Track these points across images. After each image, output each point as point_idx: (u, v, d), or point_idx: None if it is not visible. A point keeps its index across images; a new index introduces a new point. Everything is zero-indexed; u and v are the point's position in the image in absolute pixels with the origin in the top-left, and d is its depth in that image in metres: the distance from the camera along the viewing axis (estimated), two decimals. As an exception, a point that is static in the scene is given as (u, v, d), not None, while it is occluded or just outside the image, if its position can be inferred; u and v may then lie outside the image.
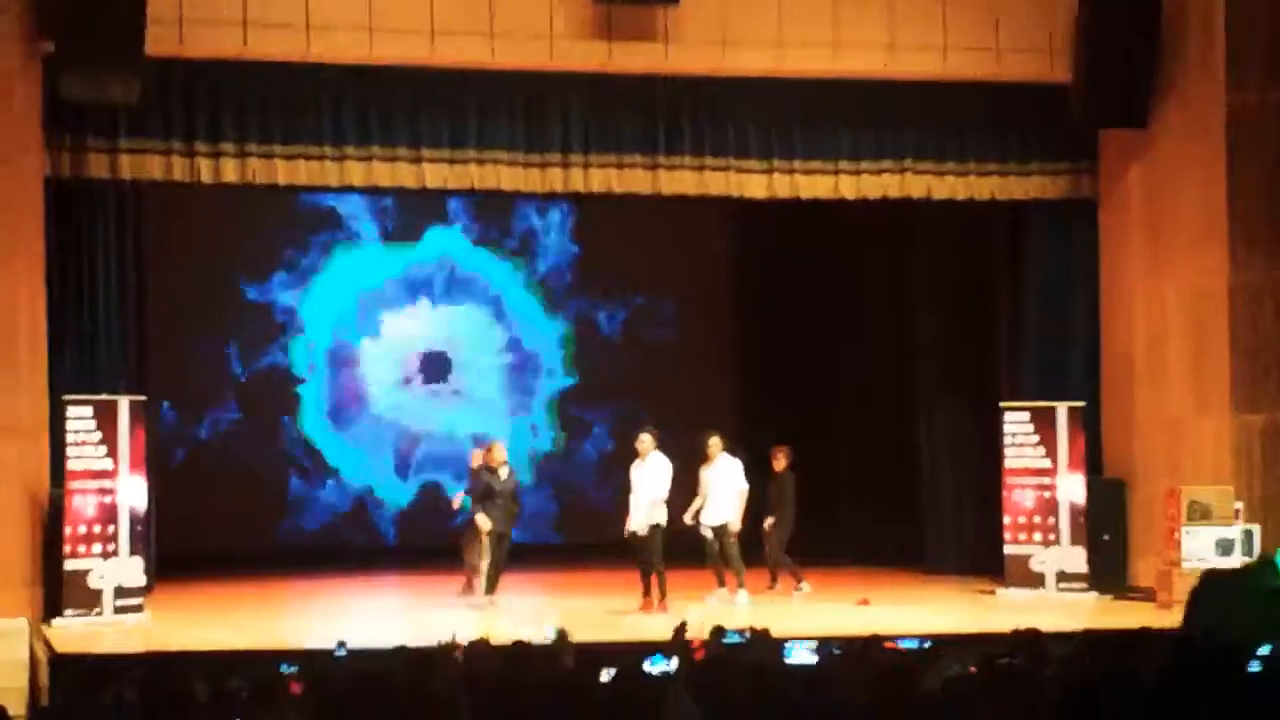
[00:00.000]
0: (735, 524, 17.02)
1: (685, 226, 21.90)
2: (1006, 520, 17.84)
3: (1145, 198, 18.10)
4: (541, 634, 11.82)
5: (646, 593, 16.38)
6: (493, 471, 16.94)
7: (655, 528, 16.40)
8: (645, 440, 16.69)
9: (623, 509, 16.69)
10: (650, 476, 16.53)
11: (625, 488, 16.82)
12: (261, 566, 19.75)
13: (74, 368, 16.42)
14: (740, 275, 23.43)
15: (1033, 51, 17.78)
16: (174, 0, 15.89)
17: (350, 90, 16.87)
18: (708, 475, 17.09)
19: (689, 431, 17.72)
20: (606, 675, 8.57)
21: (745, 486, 17.17)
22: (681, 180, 17.72)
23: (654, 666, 9.70)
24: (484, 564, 16.72)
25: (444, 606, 16.48)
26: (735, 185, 17.85)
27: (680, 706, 7.86)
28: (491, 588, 16.76)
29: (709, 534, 17.04)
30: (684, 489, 17.08)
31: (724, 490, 17.04)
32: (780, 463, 17.91)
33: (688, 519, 16.97)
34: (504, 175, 17.34)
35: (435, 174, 17.17)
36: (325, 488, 22.21)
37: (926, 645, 11.20)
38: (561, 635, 11.64)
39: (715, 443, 17.19)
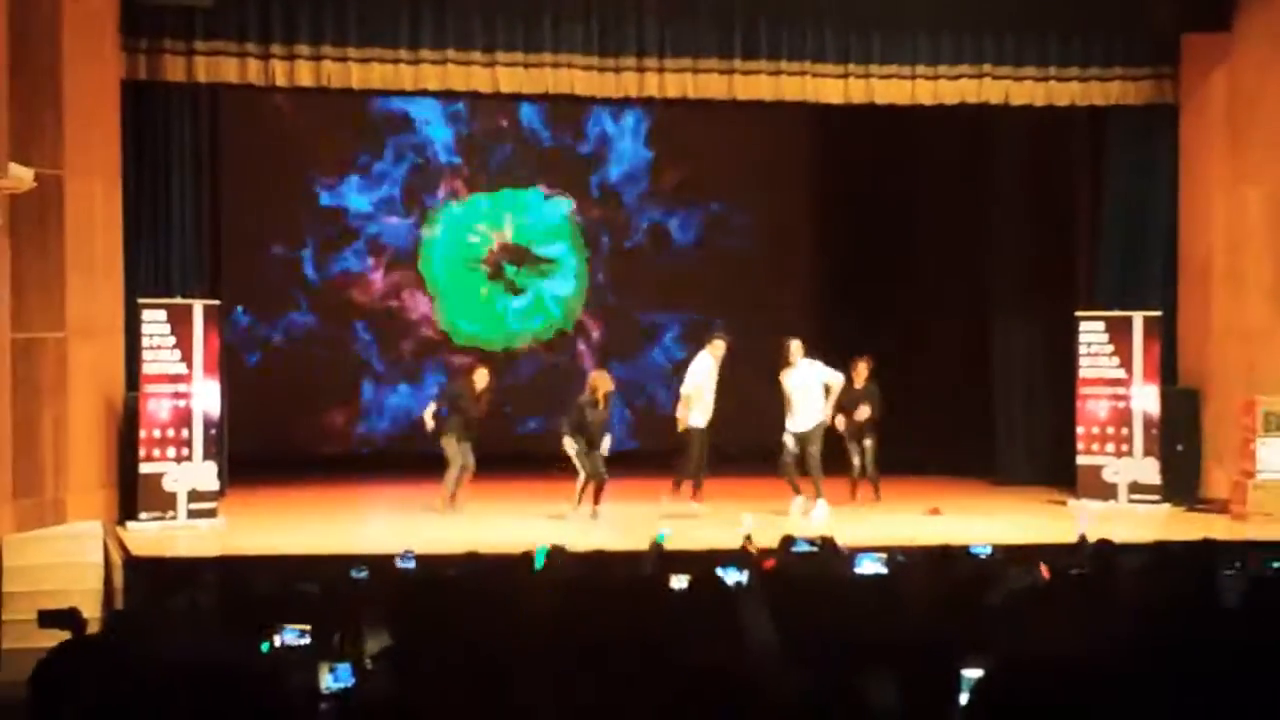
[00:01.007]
0: (820, 428, 16.95)
1: (760, 132, 21.75)
2: (1080, 430, 17.76)
3: (1227, 102, 17.87)
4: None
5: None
6: (595, 405, 16.79)
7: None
8: (796, 347, 16.81)
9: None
10: (814, 378, 16.70)
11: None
12: (335, 471, 19.87)
13: (149, 271, 16.51)
14: (815, 182, 23.26)
15: (1116, -46, 17.55)
16: (251, -96, 15.89)
17: (426, -8, 16.85)
18: (789, 381, 16.97)
19: (764, 339, 17.66)
20: (680, 582, 8.58)
21: (839, 377, 17.07)
22: (757, 85, 17.63)
23: (728, 576, 9.73)
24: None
25: (521, 513, 16.52)
26: (811, 90, 17.74)
27: (755, 616, 7.86)
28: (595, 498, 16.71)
29: (790, 441, 16.92)
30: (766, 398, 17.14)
31: (808, 396, 16.93)
32: (862, 374, 17.78)
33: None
34: (578, 80, 17.29)
35: (509, 78, 17.14)
36: (398, 393, 22.25)
37: (996, 555, 11.14)
38: (656, 546, 11.72)
39: (796, 346, 16.99)
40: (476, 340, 22.22)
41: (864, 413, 17.49)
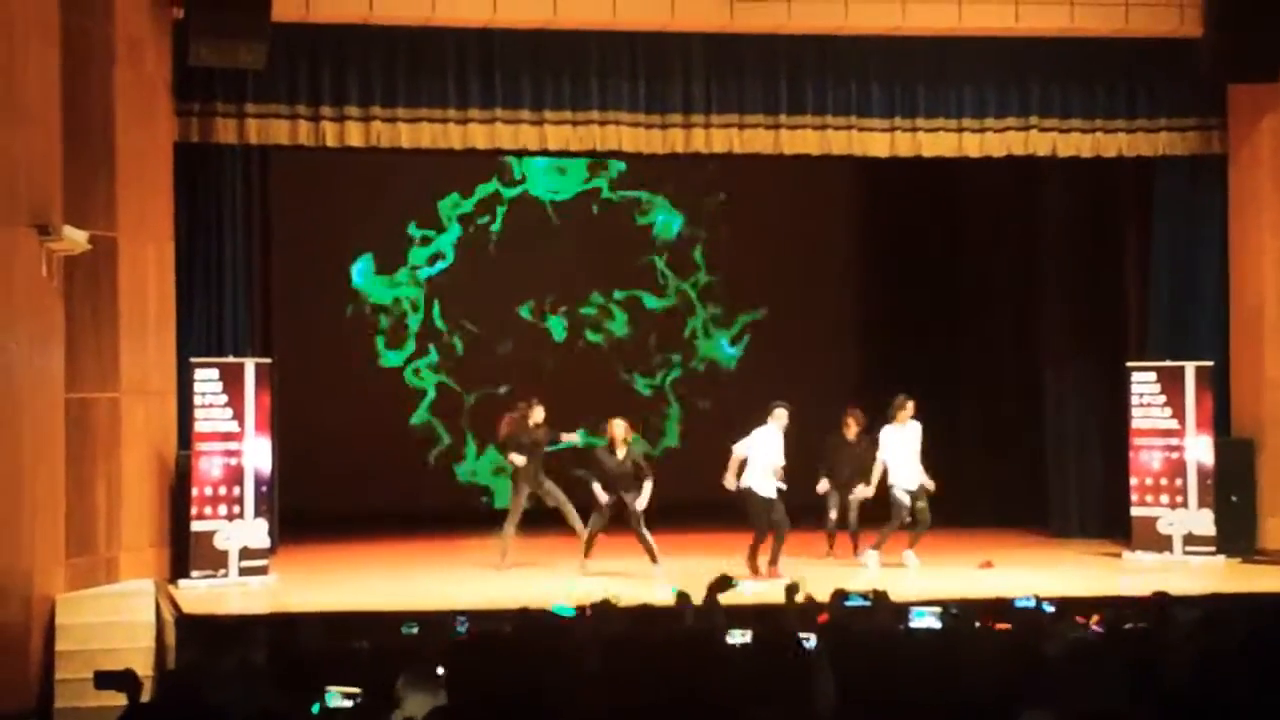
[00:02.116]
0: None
1: (805, 183, 21.78)
2: (1133, 481, 17.65)
3: (1276, 152, 17.84)
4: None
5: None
6: (610, 452, 16.84)
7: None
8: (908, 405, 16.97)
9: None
10: (912, 438, 16.86)
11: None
12: (386, 528, 19.86)
13: (201, 330, 16.61)
14: (864, 231, 23.28)
15: (1161, 5, 17.51)
16: (300, -35, 16.05)
17: (473, 53, 16.98)
18: (899, 436, 17.03)
19: (814, 392, 17.70)
20: (737, 638, 8.54)
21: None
22: (803, 140, 17.68)
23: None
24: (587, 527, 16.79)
25: (561, 571, 16.51)
26: (857, 144, 17.78)
27: (819, 675, 7.82)
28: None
29: (904, 497, 16.91)
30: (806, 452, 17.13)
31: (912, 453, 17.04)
32: (853, 428, 17.69)
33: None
34: (625, 136, 17.37)
35: (557, 135, 17.24)
36: (451, 449, 22.29)
37: (1051, 609, 11.08)
38: (682, 596, 11.67)
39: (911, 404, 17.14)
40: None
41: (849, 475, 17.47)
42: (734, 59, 17.42)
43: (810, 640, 8.91)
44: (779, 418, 16.53)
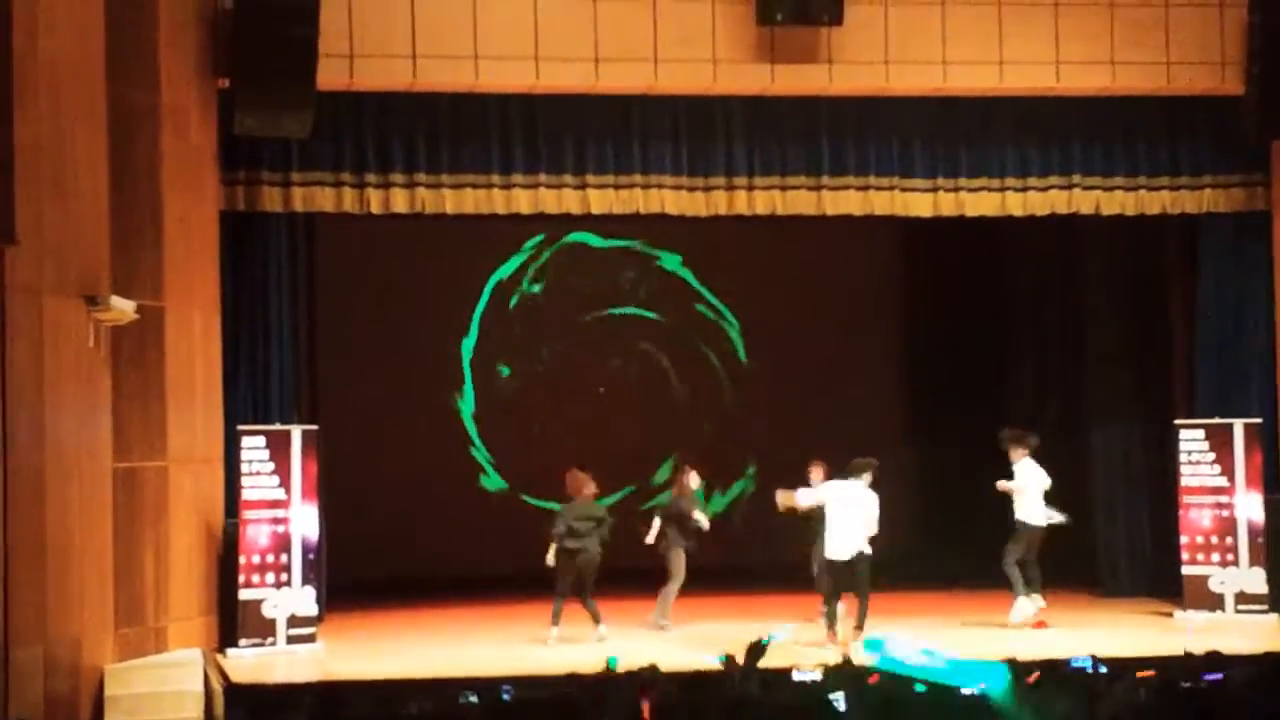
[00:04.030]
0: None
1: (846, 244, 21.79)
2: (1183, 540, 17.56)
3: (1320, 208, 17.81)
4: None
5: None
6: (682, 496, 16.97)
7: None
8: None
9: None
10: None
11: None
12: (435, 594, 19.84)
13: (247, 398, 16.66)
14: (906, 290, 23.27)
15: (1202, 64, 17.54)
16: (344, 36, 16.19)
17: (516, 118, 17.08)
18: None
19: (855, 447, 17.62)
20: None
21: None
22: (846, 201, 17.71)
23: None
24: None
25: (621, 634, 16.48)
26: (900, 205, 17.81)
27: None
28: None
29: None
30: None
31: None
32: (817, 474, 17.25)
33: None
34: (668, 199, 17.43)
35: (600, 199, 17.31)
36: (500, 512, 22.26)
37: (1103, 669, 10.99)
38: (730, 661, 11.60)
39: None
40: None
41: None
42: (776, 121, 17.47)
43: (840, 700, 8.88)
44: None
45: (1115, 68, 17.47)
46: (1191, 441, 17.58)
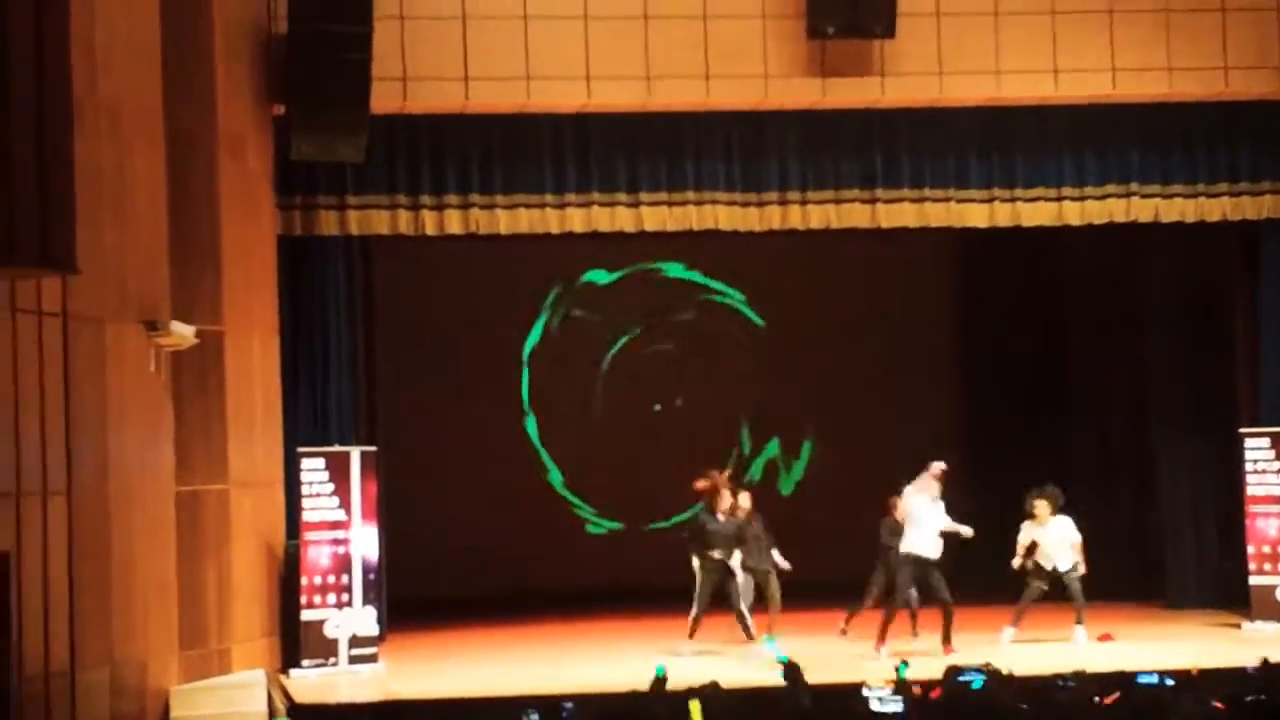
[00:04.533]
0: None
1: (901, 256, 21.74)
2: (1250, 550, 17.41)
3: (1382, 213, 17.67)
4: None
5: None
6: (710, 513, 16.86)
7: None
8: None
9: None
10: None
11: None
12: (495, 612, 19.86)
13: (307, 420, 16.75)
14: (964, 304, 23.20)
15: (1260, 68, 17.43)
16: (397, 60, 16.29)
17: (568, 137, 17.13)
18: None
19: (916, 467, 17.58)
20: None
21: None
22: (901, 213, 17.66)
23: (883, 705, 9.69)
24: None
25: (672, 650, 16.45)
26: (955, 216, 17.74)
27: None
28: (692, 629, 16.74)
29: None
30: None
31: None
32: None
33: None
34: (721, 215, 17.43)
35: (654, 216, 17.32)
36: (558, 529, 22.29)
37: (1170, 682, 10.92)
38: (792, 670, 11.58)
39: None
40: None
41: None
42: (828, 135, 17.44)
43: (881, 700, 8.86)
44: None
45: (1172, 74, 17.37)
46: (1257, 450, 17.44)
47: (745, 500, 17.15)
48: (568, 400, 22.69)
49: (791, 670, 11.09)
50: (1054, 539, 16.82)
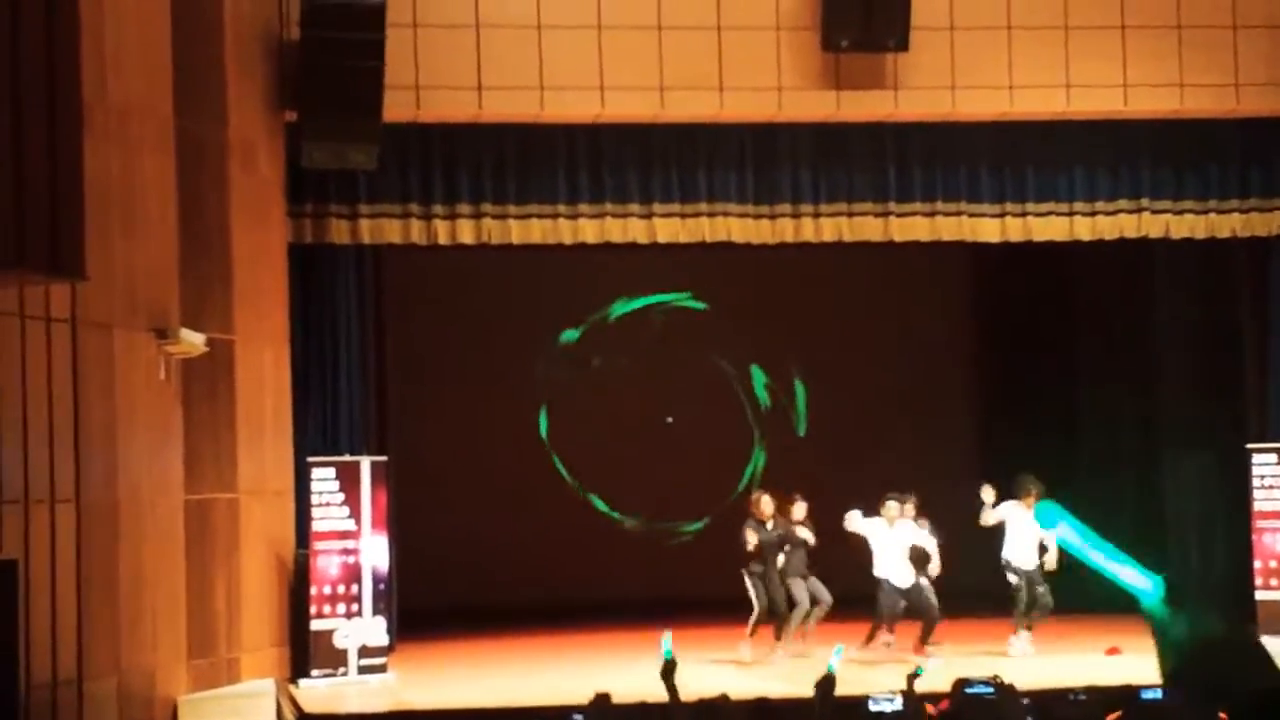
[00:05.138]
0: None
1: (913, 267, 21.71)
2: (1257, 565, 17.39)
3: (1393, 229, 17.65)
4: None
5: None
6: (760, 523, 16.85)
7: None
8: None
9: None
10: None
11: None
12: (506, 623, 19.84)
13: (317, 429, 16.74)
14: (978, 321, 23.18)
15: (1272, 85, 17.46)
16: (410, 68, 16.29)
17: (582, 148, 17.14)
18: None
19: (930, 479, 17.58)
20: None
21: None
22: (913, 227, 17.68)
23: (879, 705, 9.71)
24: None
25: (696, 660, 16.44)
26: (968, 230, 17.76)
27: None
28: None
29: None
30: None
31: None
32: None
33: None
34: (734, 227, 17.44)
35: (666, 228, 17.31)
36: (571, 540, 22.21)
37: (1174, 696, 10.88)
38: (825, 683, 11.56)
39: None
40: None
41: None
42: (841, 148, 17.46)
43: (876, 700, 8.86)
44: (888, 510, 16.57)
45: (1184, 90, 17.38)
46: (1264, 465, 17.45)
47: (799, 510, 17.02)
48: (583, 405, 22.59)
49: (824, 683, 11.06)
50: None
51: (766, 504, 16.85)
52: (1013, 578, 16.77)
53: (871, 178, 17.54)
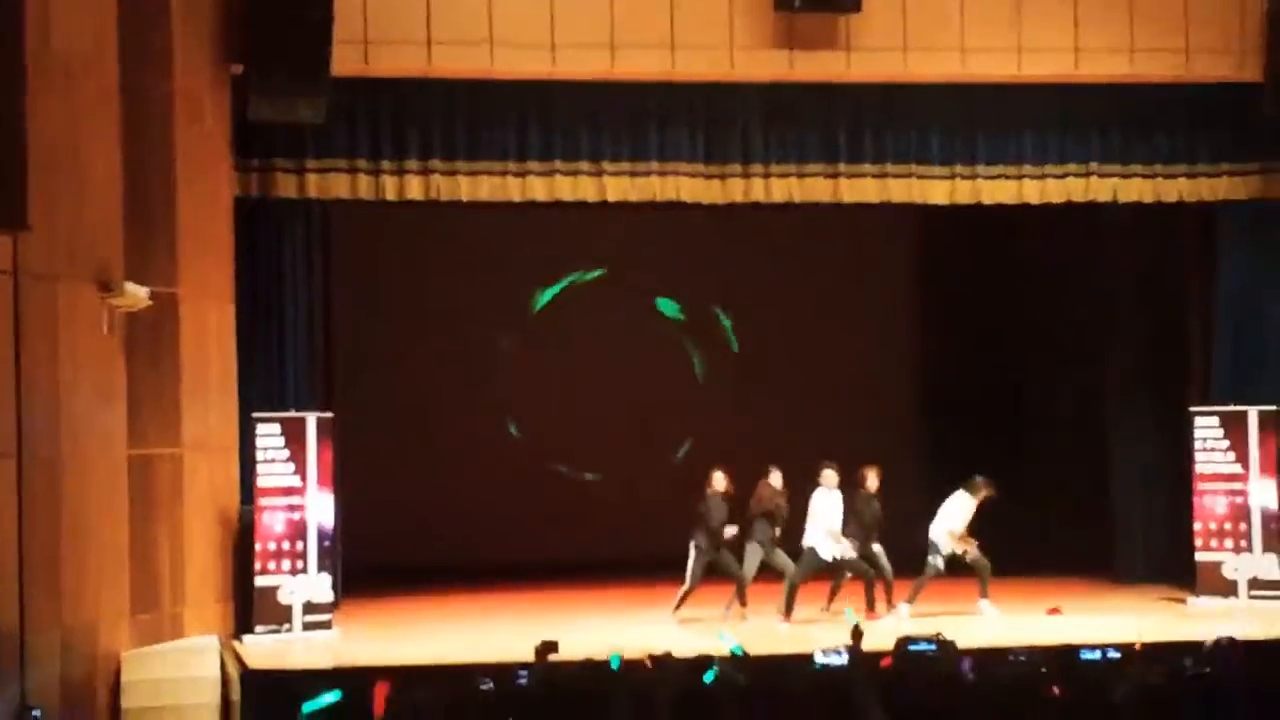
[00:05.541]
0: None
1: (866, 233, 21.74)
2: (1197, 527, 17.53)
3: (1337, 196, 17.74)
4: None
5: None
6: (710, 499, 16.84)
7: None
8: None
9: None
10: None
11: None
12: (453, 581, 19.83)
13: (263, 385, 16.66)
14: (926, 281, 23.24)
15: (1222, 51, 17.50)
16: (359, 21, 16.19)
17: (532, 105, 17.06)
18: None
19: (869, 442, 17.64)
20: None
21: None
22: (863, 188, 17.69)
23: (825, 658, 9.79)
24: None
25: (640, 620, 16.51)
26: (917, 192, 17.78)
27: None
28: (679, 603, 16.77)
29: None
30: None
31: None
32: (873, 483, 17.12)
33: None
34: (684, 187, 17.41)
35: (616, 187, 17.28)
36: (517, 499, 22.25)
37: (1114, 655, 10.98)
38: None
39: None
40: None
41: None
42: (793, 109, 17.43)
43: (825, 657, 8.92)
44: (827, 479, 16.60)
45: (1134, 55, 17.42)
46: (1206, 429, 17.56)
47: (776, 479, 16.98)
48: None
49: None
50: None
51: (719, 479, 16.85)
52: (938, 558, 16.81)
53: (822, 138, 17.53)
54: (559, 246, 22.12)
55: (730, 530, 16.61)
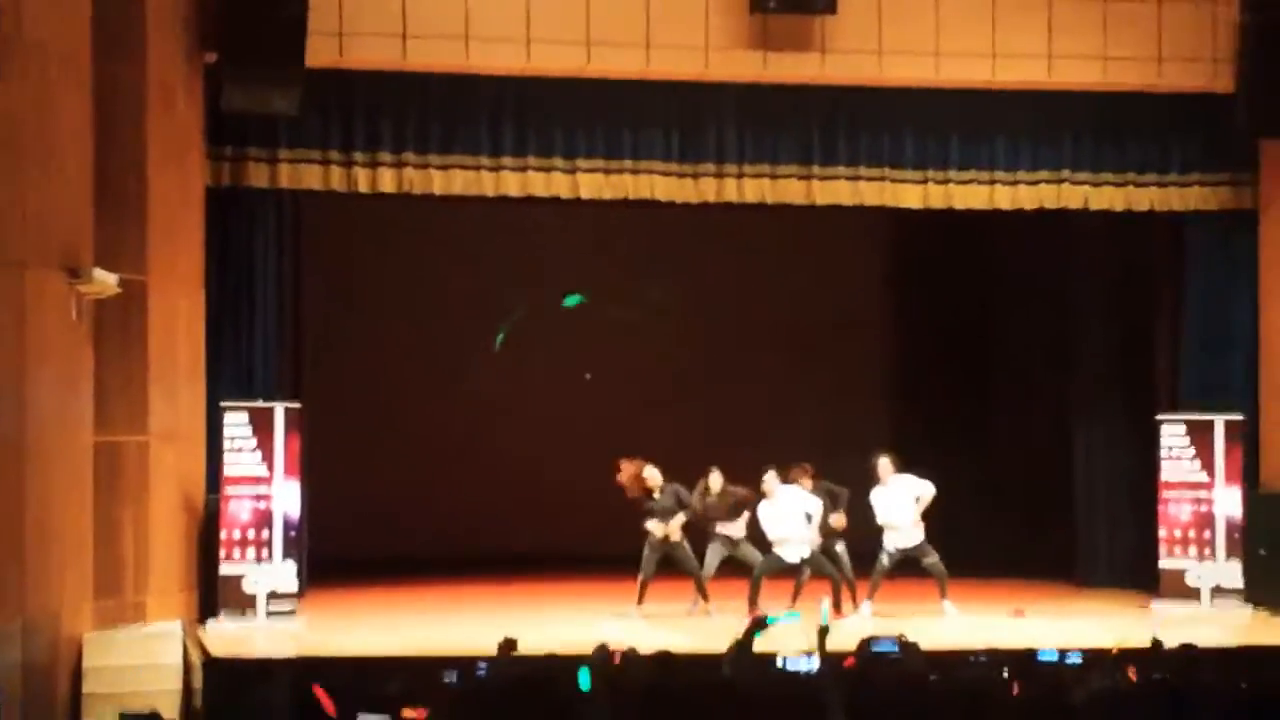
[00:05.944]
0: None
1: (838, 236, 21.77)
2: (1162, 533, 17.60)
3: (1305, 208, 17.81)
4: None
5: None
6: (650, 495, 16.99)
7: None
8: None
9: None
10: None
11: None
12: (419, 573, 19.83)
13: (231, 374, 16.65)
14: (895, 287, 23.27)
15: (1194, 61, 17.56)
16: (334, 12, 16.17)
17: (506, 101, 17.07)
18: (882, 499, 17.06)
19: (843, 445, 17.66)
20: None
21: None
22: (836, 190, 17.73)
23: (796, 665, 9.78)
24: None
25: (600, 615, 16.52)
26: (890, 196, 17.82)
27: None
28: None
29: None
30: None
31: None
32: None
33: None
34: (658, 185, 17.45)
35: (590, 184, 17.30)
36: (486, 491, 22.22)
37: (1074, 659, 11.03)
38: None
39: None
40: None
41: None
42: (767, 109, 17.46)
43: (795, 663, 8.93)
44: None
45: (1107, 63, 17.49)
46: (1173, 436, 17.63)
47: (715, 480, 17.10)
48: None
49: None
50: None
51: (652, 476, 16.92)
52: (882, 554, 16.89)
53: (796, 140, 17.57)
54: (532, 241, 22.08)
55: (730, 528, 16.77)
